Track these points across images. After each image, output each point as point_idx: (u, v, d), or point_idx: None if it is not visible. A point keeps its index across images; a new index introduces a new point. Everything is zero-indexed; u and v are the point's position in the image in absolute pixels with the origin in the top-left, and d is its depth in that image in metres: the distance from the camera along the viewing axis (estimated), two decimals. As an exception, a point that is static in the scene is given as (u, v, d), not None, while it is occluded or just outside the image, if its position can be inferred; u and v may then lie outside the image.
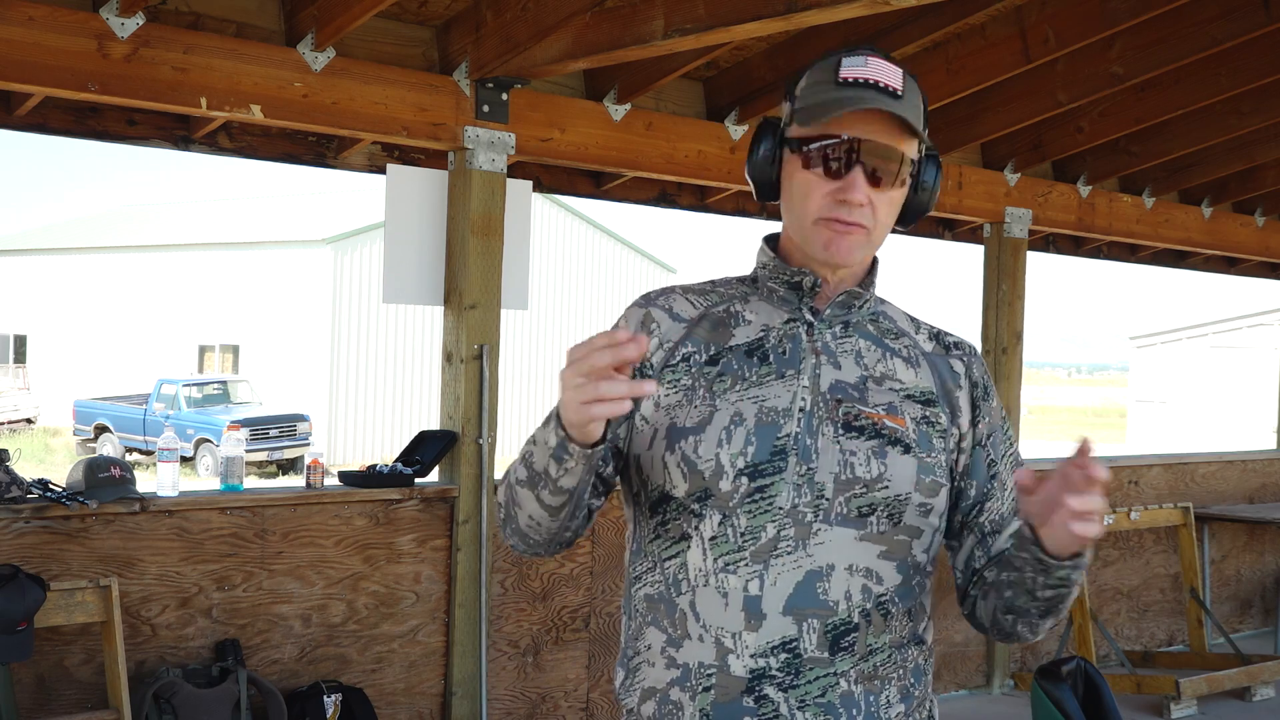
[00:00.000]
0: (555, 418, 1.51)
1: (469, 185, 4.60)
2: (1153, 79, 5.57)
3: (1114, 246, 8.07)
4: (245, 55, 4.13)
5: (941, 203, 6.13)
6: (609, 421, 1.53)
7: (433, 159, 5.00)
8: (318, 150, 4.95)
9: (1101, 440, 32.79)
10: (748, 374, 1.66)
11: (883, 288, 1.80)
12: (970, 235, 7.16)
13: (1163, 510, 6.80)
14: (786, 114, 1.70)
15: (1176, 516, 6.84)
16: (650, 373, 1.69)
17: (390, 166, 4.68)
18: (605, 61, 4.32)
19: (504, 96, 4.66)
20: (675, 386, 1.67)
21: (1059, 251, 7.80)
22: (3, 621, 3.60)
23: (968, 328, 7.13)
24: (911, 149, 1.66)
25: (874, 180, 1.63)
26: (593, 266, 27.21)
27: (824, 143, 1.63)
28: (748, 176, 1.74)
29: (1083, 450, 1.46)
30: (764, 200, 1.75)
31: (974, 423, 1.74)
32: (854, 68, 1.63)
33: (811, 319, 1.71)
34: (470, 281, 4.62)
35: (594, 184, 5.90)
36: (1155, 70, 5.22)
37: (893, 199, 1.66)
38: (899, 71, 1.65)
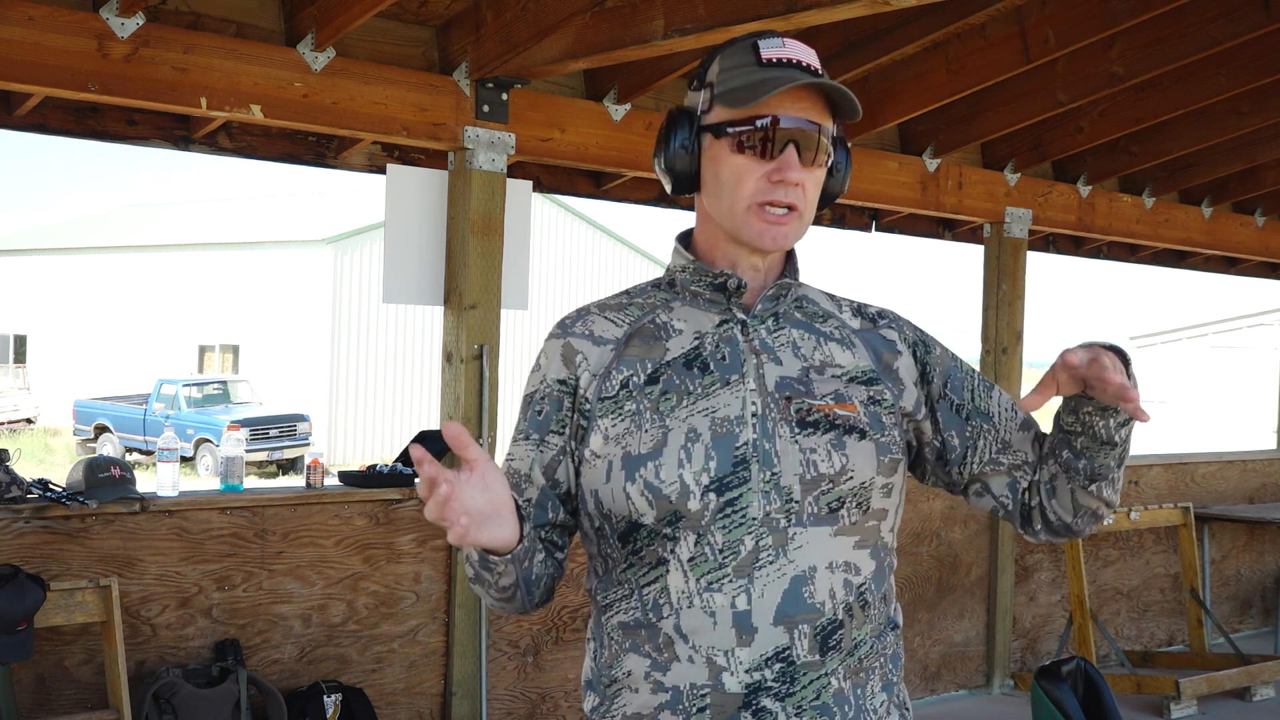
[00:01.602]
0: None
1: (469, 185, 4.60)
2: (1153, 79, 5.57)
3: (1114, 246, 8.07)
4: (245, 55, 4.13)
5: (941, 203, 6.14)
6: (521, 519, 1.55)
7: (433, 159, 5.00)
8: (318, 150, 4.95)
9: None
10: (692, 387, 1.62)
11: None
12: (970, 235, 7.16)
13: (1163, 510, 6.80)
14: (704, 100, 1.66)
15: (1176, 516, 6.84)
16: (587, 407, 1.65)
17: (390, 166, 4.68)
18: (605, 61, 4.32)
19: (504, 96, 4.66)
20: (620, 414, 1.62)
21: (1059, 251, 7.80)
22: (3, 621, 3.60)
23: (968, 328, 7.15)
24: (831, 128, 1.65)
25: (806, 161, 1.62)
26: (593, 266, 27.21)
27: (757, 123, 1.60)
28: (662, 169, 1.68)
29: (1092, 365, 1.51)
30: (681, 193, 1.70)
31: (927, 380, 1.72)
32: (773, 49, 1.62)
33: (744, 317, 1.67)
34: (470, 281, 4.62)
35: (594, 184, 5.90)
36: (1155, 70, 5.22)
37: (819, 179, 1.65)
38: (813, 51, 1.64)
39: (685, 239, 1.73)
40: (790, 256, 1.73)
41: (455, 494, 1.42)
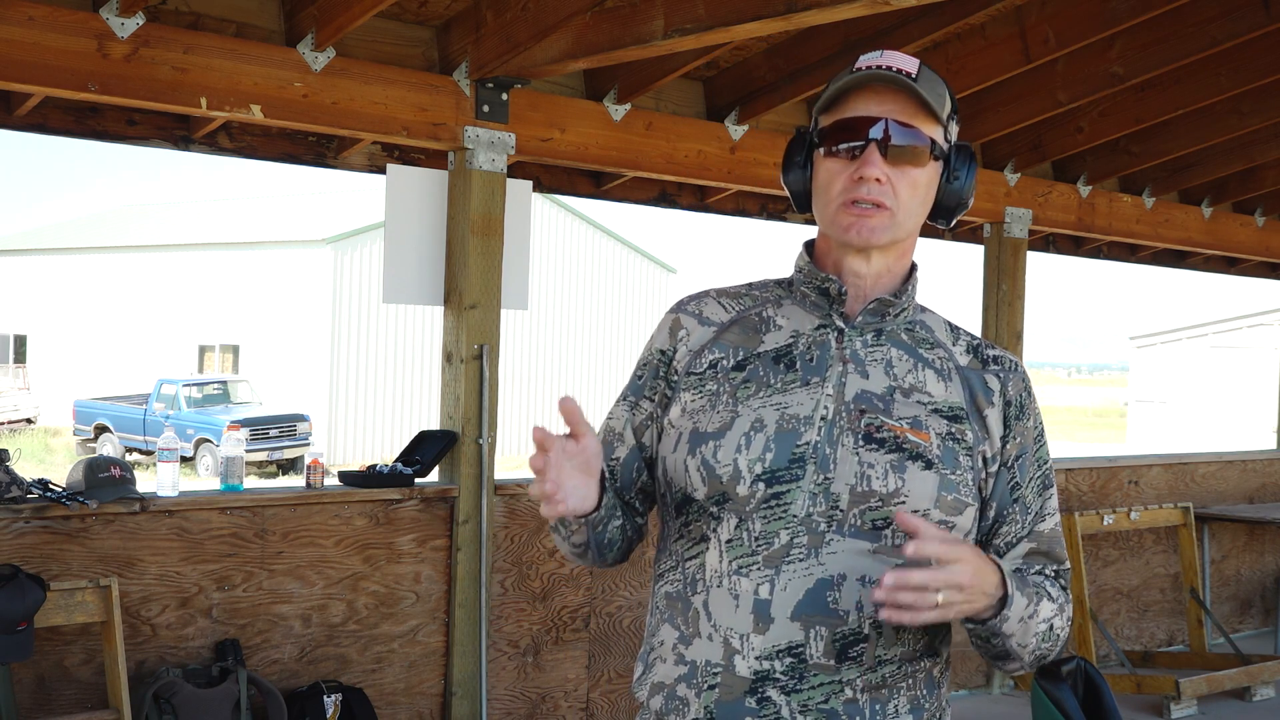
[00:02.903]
0: None
1: (469, 185, 4.60)
2: (1153, 79, 5.57)
3: (1114, 246, 8.07)
4: (245, 55, 4.13)
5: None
6: (604, 487, 1.64)
7: (433, 159, 5.00)
8: (318, 150, 4.95)
9: (1101, 440, 32.80)
10: (773, 380, 1.67)
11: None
12: (970, 235, 7.16)
13: (1163, 510, 6.80)
14: (813, 118, 1.73)
15: (1176, 516, 6.84)
16: (675, 379, 1.73)
17: (390, 166, 4.68)
18: (605, 61, 4.32)
19: (504, 96, 4.66)
20: (700, 391, 1.70)
21: (1059, 251, 7.80)
22: (3, 621, 3.60)
23: (967, 328, 7.13)
24: (933, 130, 1.66)
25: (893, 159, 1.63)
26: (593, 266, 27.20)
27: (839, 126, 1.65)
28: (787, 190, 1.76)
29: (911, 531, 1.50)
30: (803, 210, 1.75)
31: (1004, 441, 1.70)
32: (869, 59, 1.66)
33: (842, 325, 1.70)
34: (470, 281, 4.62)
35: (594, 184, 5.90)
36: (1155, 70, 5.22)
37: (915, 181, 1.65)
38: (915, 61, 1.66)
39: (811, 245, 1.77)
40: (910, 275, 1.74)
41: (561, 480, 1.54)
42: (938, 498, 1.62)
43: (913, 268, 1.75)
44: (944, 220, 1.73)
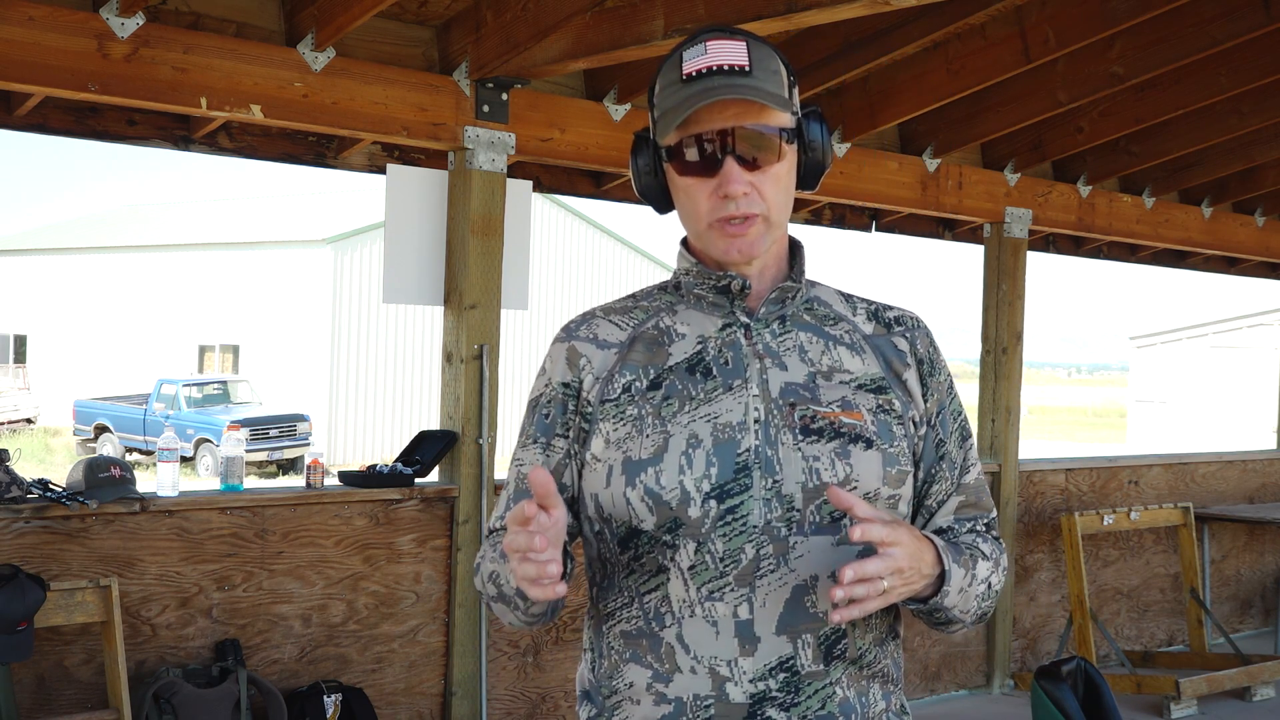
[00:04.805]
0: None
1: (469, 185, 4.61)
2: (1153, 79, 5.57)
3: (1114, 246, 8.07)
4: (245, 55, 4.13)
5: (941, 203, 6.14)
6: (566, 554, 1.57)
7: (433, 159, 5.00)
8: (318, 150, 4.95)
9: (1101, 440, 32.80)
10: (694, 392, 1.60)
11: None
12: (970, 235, 7.16)
13: (1163, 510, 6.80)
14: (651, 123, 1.65)
15: (1176, 516, 6.84)
16: (589, 410, 1.64)
17: (390, 166, 4.68)
18: (605, 61, 4.32)
19: (504, 96, 4.66)
20: (622, 419, 1.61)
21: (1059, 251, 7.80)
22: (3, 621, 3.60)
23: (968, 328, 7.14)
24: (781, 118, 1.60)
25: (751, 165, 1.57)
26: (593, 266, 27.21)
27: (685, 147, 1.58)
28: (642, 197, 1.69)
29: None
30: (665, 213, 1.68)
31: (924, 400, 1.68)
32: (693, 60, 1.58)
33: (747, 320, 1.65)
34: (470, 281, 4.62)
35: (594, 184, 5.90)
36: (1155, 70, 5.22)
37: (777, 176, 1.59)
38: (742, 45, 1.58)
39: (688, 241, 1.71)
40: (796, 254, 1.69)
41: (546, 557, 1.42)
42: (884, 474, 1.59)
43: (795, 245, 1.70)
44: (809, 185, 1.67)
